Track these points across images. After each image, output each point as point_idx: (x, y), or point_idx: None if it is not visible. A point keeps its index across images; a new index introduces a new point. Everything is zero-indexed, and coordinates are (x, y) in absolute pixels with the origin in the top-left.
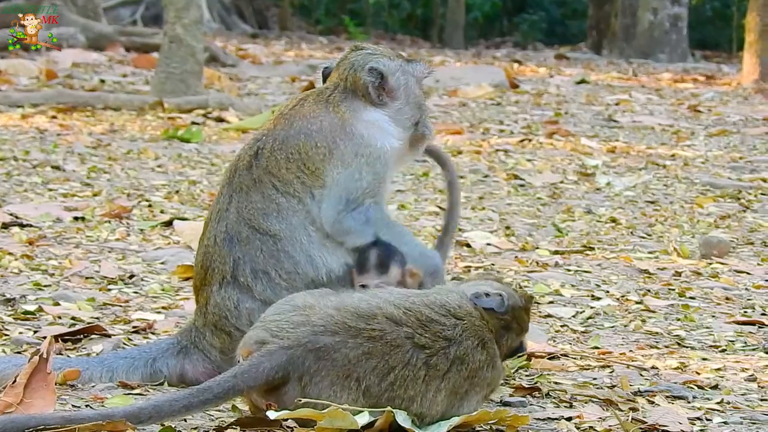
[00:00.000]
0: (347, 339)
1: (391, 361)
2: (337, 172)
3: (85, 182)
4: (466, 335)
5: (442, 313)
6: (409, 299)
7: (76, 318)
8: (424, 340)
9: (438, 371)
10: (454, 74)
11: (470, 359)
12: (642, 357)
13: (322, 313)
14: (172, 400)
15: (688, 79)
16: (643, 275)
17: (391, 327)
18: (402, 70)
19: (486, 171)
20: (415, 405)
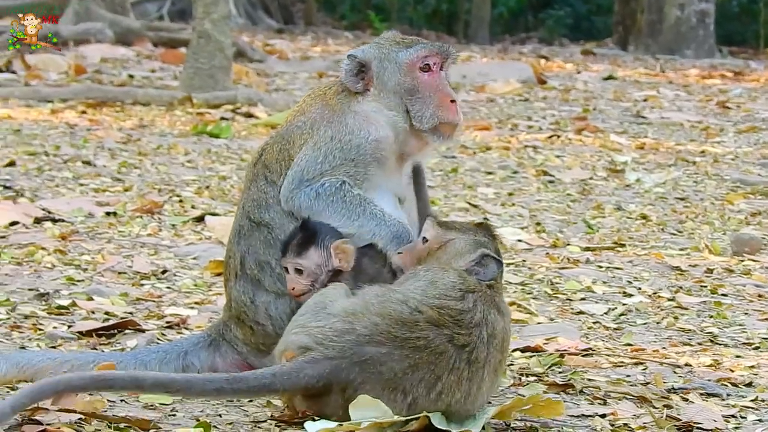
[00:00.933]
0: (393, 350)
1: (437, 370)
2: (304, 153)
3: (116, 177)
4: (486, 310)
5: (460, 296)
6: (432, 291)
7: (109, 313)
8: (462, 339)
9: (479, 362)
10: (482, 70)
11: (497, 331)
12: (675, 354)
13: (366, 321)
14: (206, 380)
15: (716, 75)
16: (675, 272)
17: (433, 333)
18: (382, 57)
19: (515, 167)
20: (461, 406)
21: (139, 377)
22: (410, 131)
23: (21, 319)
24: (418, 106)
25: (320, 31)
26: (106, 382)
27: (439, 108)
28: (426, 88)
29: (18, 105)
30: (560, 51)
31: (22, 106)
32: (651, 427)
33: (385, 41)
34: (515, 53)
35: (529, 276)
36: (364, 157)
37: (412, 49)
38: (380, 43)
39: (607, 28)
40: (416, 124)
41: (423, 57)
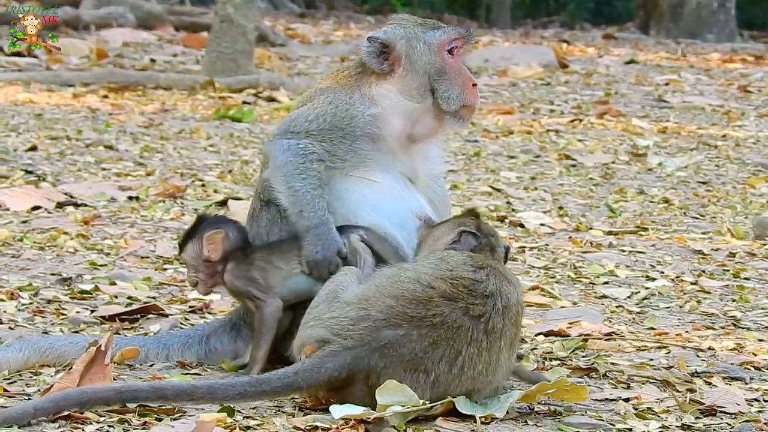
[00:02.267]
0: (411, 331)
1: (456, 344)
2: (299, 109)
3: (138, 162)
4: (499, 282)
5: (472, 270)
6: (444, 266)
7: (132, 297)
8: (478, 309)
9: (496, 333)
10: (504, 54)
11: (512, 303)
12: (698, 338)
13: (380, 305)
14: (228, 385)
15: (737, 59)
16: (698, 256)
17: (449, 307)
18: (409, 37)
19: (537, 151)
20: (483, 378)
21: (160, 387)
22: (431, 112)
23: (44, 303)
24: (445, 87)
25: (342, 15)
26: (131, 394)
27: (464, 90)
28: (452, 70)
29: (40, 89)
30: (582, 35)
31: (44, 90)
32: (674, 411)
33: (406, 22)
34: (537, 37)
35: (552, 260)
36: (354, 130)
37: (441, 31)
38: (402, 24)
39: (629, 12)
40: (443, 104)
41: (452, 39)
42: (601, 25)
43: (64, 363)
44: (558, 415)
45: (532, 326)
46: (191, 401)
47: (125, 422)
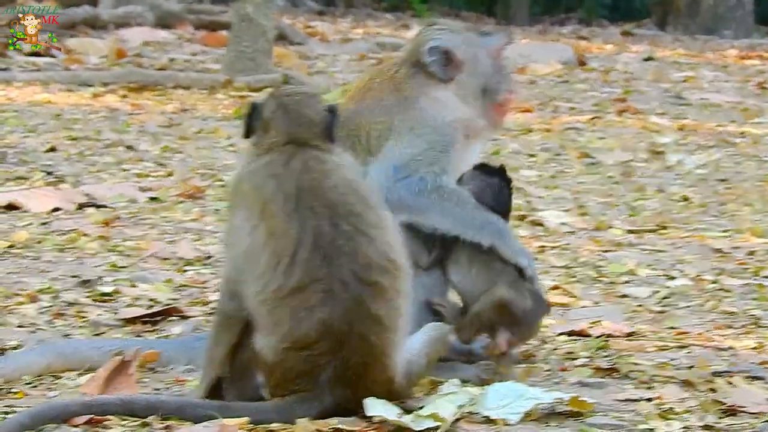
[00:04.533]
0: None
1: None
2: (389, 144)
3: (159, 162)
4: None
5: None
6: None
7: (153, 300)
8: None
9: None
10: (522, 51)
11: None
12: (719, 337)
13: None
14: (198, 406)
15: (754, 55)
16: (718, 254)
17: None
18: (468, 42)
19: (557, 149)
20: None
21: (129, 401)
22: (483, 112)
23: (64, 306)
24: (497, 88)
25: (361, 13)
26: (100, 408)
27: (510, 91)
28: (505, 72)
29: (58, 90)
30: (600, 32)
31: (63, 90)
32: (696, 411)
33: (456, 28)
34: (555, 34)
35: (572, 259)
36: (446, 140)
37: (496, 37)
38: (454, 31)
39: (646, 8)
40: (497, 98)
41: (505, 44)
42: (618, 21)
43: (87, 367)
44: (580, 416)
45: (554, 326)
46: (162, 415)
47: (147, 425)
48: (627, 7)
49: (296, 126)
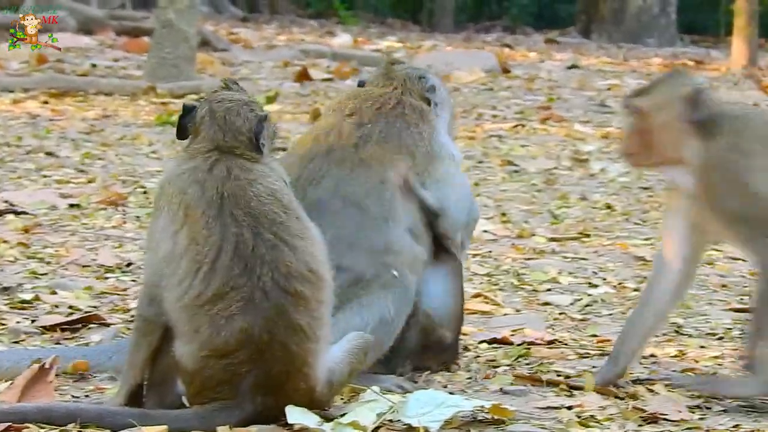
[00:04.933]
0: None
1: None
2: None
3: (80, 168)
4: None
5: None
6: None
7: (73, 307)
8: None
9: None
10: (446, 59)
11: None
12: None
13: None
14: (117, 414)
15: (678, 63)
16: (640, 262)
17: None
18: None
19: (480, 157)
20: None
21: (47, 409)
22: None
23: None
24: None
25: (285, 19)
26: (18, 416)
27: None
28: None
29: None
30: (524, 40)
31: None
32: (617, 419)
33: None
34: (479, 42)
35: (495, 267)
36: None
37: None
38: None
39: (571, 16)
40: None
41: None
42: (543, 29)
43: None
44: (501, 423)
45: (476, 334)
46: (80, 425)
47: None
48: (551, 15)
49: (222, 133)
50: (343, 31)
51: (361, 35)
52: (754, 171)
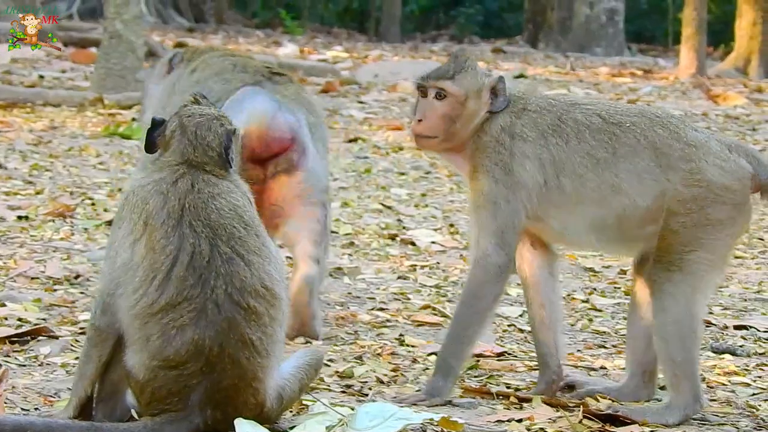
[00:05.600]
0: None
1: None
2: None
3: (28, 180)
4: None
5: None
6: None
7: (22, 319)
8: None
9: None
10: (393, 69)
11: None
12: (590, 357)
13: None
14: (66, 427)
15: (626, 73)
16: (589, 273)
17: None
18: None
19: (428, 168)
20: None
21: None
22: None
23: None
24: None
25: (231, 29)
26: None
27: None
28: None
29: None
30: (471, 49)
31: None
32: (567, 431)
33: None
34: (426, 51)
35: (443, 278)
36: None
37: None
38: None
39: (518, 25)
40: None
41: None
42: (491, 38)
43: None
44: None
45: (424, 346)
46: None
47: None
48: (499, 24)
49: (193, 147)
50: (289, 41)
51: (307, 45)
52: (519, 157)
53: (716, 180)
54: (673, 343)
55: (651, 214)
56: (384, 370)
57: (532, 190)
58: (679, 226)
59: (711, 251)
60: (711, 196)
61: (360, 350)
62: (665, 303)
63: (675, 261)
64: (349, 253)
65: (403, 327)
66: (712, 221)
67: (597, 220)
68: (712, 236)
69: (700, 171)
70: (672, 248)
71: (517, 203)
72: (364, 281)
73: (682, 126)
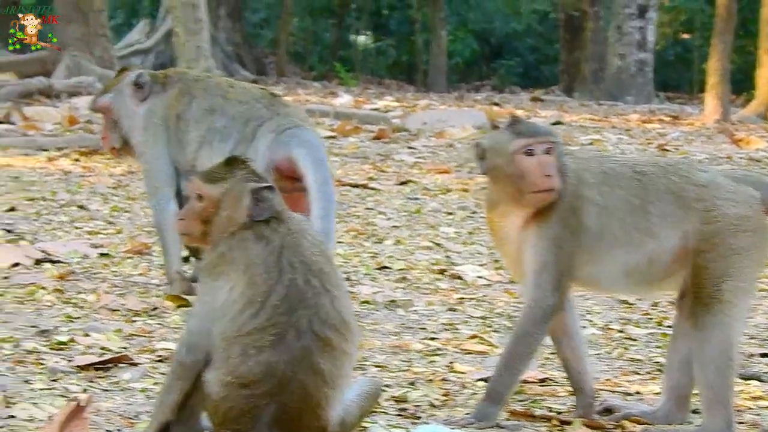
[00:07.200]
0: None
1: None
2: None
3: (108, 220)
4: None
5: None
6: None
7: (105, 348)
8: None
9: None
10: (440, 117)
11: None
12: (626, 383)
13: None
14: None
15: (655, 119)
16: (624, 305)
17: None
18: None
19: (473, 208)
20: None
21: None
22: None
23: (24, 354)
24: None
25: (291, 81)
26: None
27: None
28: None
29: (17, 154)
30: (511, 98)
31: (21, 154)
32: None
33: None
34: (470, 100)
35: (489, 310)
36: None
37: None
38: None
39: (554, 76)
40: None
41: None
42: (529, 88)
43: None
44: None
45: (473, 372)
46: None
47: None
48: (537, 75)
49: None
50: (344, 91)
51: (360, 95)
52: (585, 202)
53: (731, 212)
54: (712, 371)
55: (677, 255)
56: (436, 394)
57: (589, 235)
58: (707, 262)
59: (741, 278)
60: (730, 228)
61: (413, 376)
62: (706, 334)
63: (711, 294)
64: (402, 287)
65: (452, 355)
66: (736, 250)
67: (631, 264)
68: (739, 264)
69: (715, 207)
70: (706, 283)
71: (576, 247)
72: (416, 313)
73: (690, 169)
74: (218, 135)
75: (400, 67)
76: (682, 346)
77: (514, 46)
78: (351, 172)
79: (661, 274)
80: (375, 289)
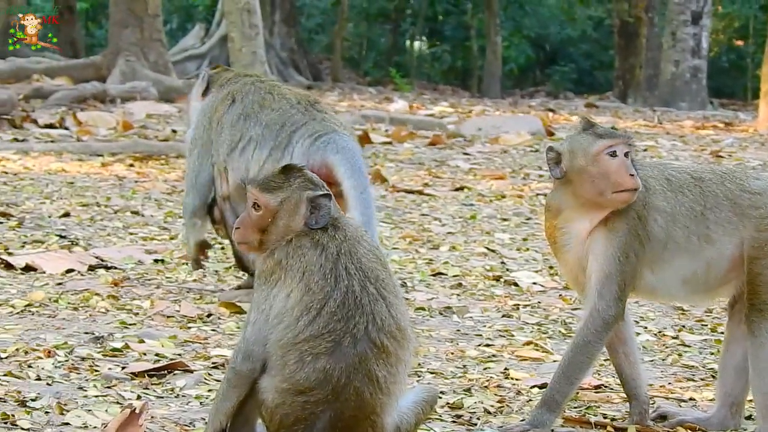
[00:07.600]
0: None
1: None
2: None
3: (163, 226)
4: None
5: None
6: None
7: (159, 354)
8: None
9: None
10: (495, 123)
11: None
12: (680, 389)
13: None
14: None
15: (708, 126)
16: (678, 312)
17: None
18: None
19: (528, 214)
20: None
21: None
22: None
23: (78, 361)
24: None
25: (346, 86)
26: None
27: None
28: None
29: (71, 159)
30: (566, 104)
31: (75, 160)
32: None
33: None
34: (525, 106)
35: (544, 317)
36: None
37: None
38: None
39: (608, 82)
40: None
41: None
42: (583, 94)
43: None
44: None
45: (528, 379)
46: None
47: None
48: (591, 80)
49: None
50: (399, 97)
51: (415, 101)
52: (652, 210)
53: None
54: (767, 377)
55: (733, 263)
56: (491, 401)
57: (654, 243)
58: (762, 269)
59: None
60: None
61: (468, 383)
62: (761, 340)
63: (766, 300)
64: (457, 293)
65: (507, 361)
66: None
67: (689, 271)
68: None
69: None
70: (761, 289)
71: (642, 256)
72: (471, 319)
73: (745, 177)
74: (253, 143)
75: (454, 73)
76: (735, 352)
77: (568, 52)
78: (406, 178)
79: (717, 281)
80: (430, 296)
